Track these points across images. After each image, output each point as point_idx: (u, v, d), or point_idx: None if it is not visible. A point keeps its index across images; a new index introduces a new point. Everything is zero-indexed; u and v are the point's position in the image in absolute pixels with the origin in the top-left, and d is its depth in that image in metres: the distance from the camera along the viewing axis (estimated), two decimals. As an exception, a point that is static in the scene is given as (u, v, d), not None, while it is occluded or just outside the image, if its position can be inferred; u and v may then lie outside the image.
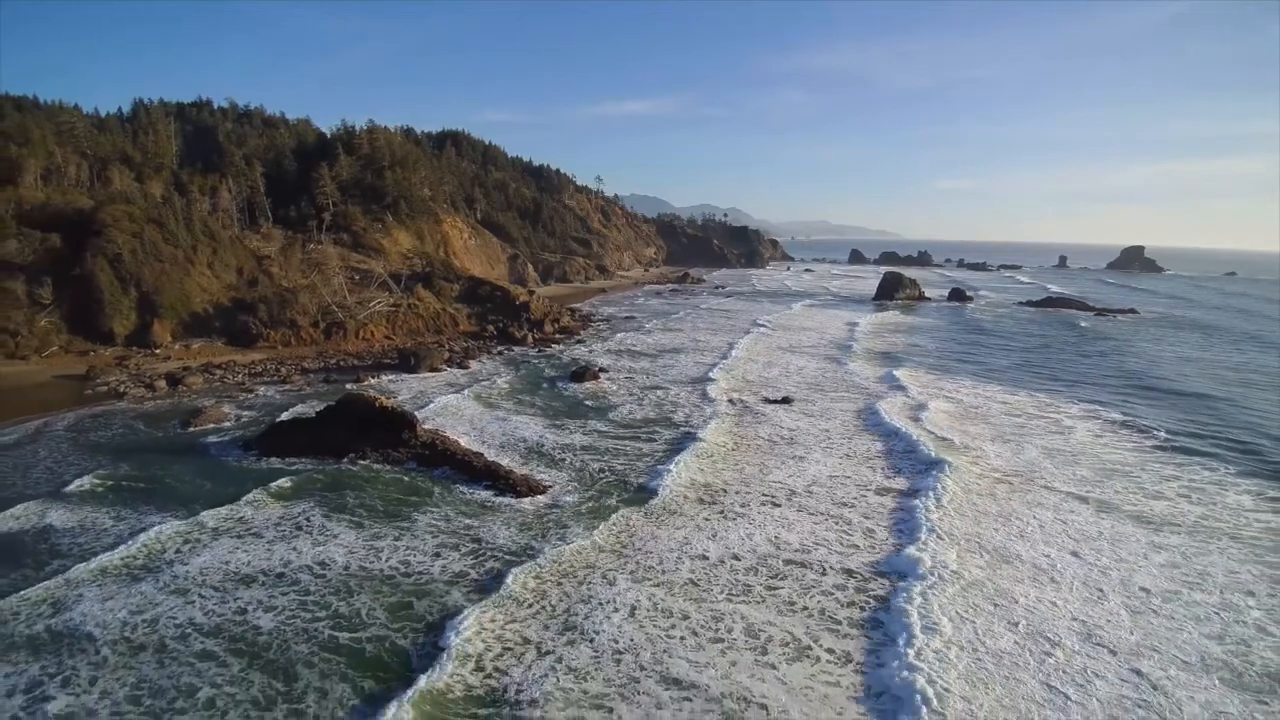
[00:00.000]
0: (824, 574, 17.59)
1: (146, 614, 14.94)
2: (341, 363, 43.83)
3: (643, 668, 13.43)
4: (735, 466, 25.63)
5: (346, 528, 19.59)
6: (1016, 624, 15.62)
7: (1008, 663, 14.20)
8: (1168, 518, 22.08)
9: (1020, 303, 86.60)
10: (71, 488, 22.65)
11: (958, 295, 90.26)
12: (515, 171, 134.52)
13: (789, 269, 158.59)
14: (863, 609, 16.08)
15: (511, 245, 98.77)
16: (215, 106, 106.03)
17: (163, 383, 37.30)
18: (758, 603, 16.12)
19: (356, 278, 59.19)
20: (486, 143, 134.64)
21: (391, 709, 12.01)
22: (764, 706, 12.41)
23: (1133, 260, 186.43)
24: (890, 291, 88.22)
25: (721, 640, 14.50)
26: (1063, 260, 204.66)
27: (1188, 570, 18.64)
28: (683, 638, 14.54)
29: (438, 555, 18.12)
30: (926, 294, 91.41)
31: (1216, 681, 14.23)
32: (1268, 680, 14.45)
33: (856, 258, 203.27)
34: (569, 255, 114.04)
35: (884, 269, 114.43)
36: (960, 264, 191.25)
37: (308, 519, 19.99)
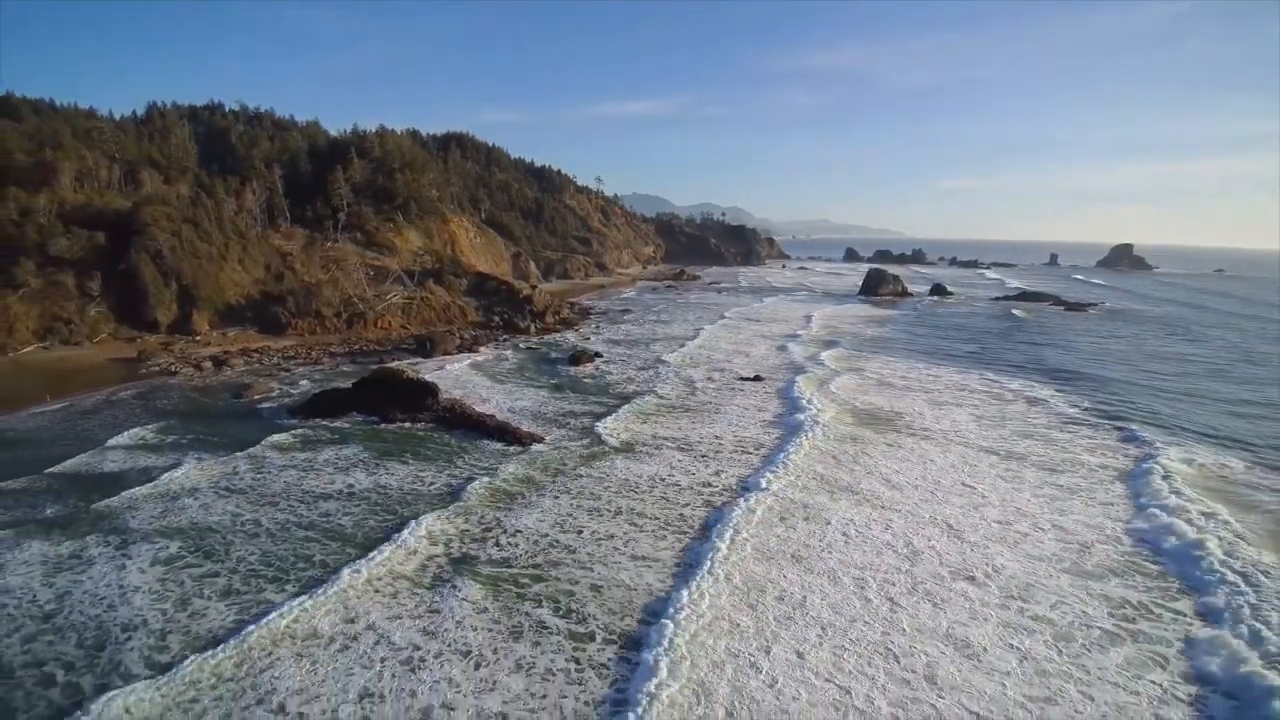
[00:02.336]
0: (693, 489, 23.19)
1: (248, 516, 19.93)
2: (364, 348, 48.72)
3: (616, 548, 18.52)
4: (678, 424, 31.17)
5: (394, 464, 24.72)
6: (816, 521, 20.55)
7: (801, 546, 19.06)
8: (1063, 464, 26.61)
9: (996, 297, 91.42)
10: (151, 437, 27.68)
11: (938, 290, 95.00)
12: (518, 172, 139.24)
13: (783, 267, 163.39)
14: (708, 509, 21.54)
15: (514, 244, 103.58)
16: (226, 109, 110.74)
17: (209, 364, 42.19)
18: (661, 503, 21.78)
19: (371, 273, 64.06)
20: (490, 144, 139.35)
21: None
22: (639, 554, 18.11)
23: (1122, 258, 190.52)
24: (874, 287, 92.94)
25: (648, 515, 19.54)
26: (1053, 258, 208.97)
27: (1070, 501, 22.78)
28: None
29: (470, 479, 23.19)
30: (909, 290, 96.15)
31: (1053, 570, 18.81)
32: (1099, 569, 19.01)
33: (851, 256, 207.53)
34: (570, 253, 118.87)
35: (881, 267, 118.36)
36: (953, 262, 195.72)
37: (360, 459, 25.01)
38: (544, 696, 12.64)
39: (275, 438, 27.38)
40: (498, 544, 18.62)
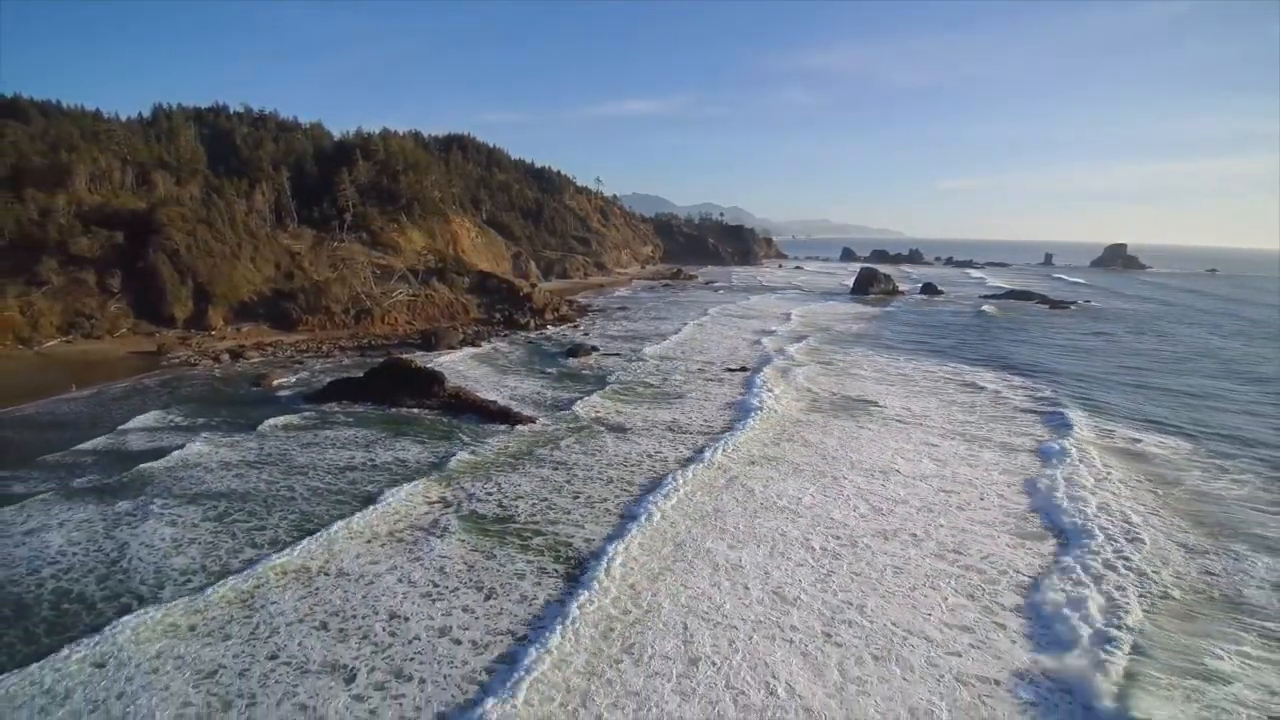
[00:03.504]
0: (660, 459, 26.06)
1: (282, 483, 22.48)
2: (371, 342, 51.20)
3: (608, 509, 20.95)
4: (666, 407, 34.13)
5: (408, 441, 27.39)
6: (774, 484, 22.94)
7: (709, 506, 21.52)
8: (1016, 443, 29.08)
9: (984, 296, 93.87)
10: (181, 419, 30.14)
11: (928, 289, 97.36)
12: (518, 173, 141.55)
13: (779, 266, 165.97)
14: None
15: (515, 244, 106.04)
16: (231, 111, 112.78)
17: (226, 356, 44.68)
18: (649, 473, 23.83)
19: (377, 272, 66.51)
20: (490, 146, 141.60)
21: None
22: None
23: (1116, 258, 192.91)
24: (865, 286, 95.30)
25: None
26: (1048, 258, 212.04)
27: (1018, 477, 25.24)
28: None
29: (476, 455, 25.83)
30: (900, 288, 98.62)
31: (999, 533, 21.18)
32: (1039, 529, 21.32)
33: (848, 256, 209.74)
34: (569, 253, 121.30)
35: (873, 266, 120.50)
36: (949, 261, 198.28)
37: (377, 438, 27.58)
38: (542, 617, 15.11)
39: (296, 419, 29.87)
40: (500, 505, 21.17)
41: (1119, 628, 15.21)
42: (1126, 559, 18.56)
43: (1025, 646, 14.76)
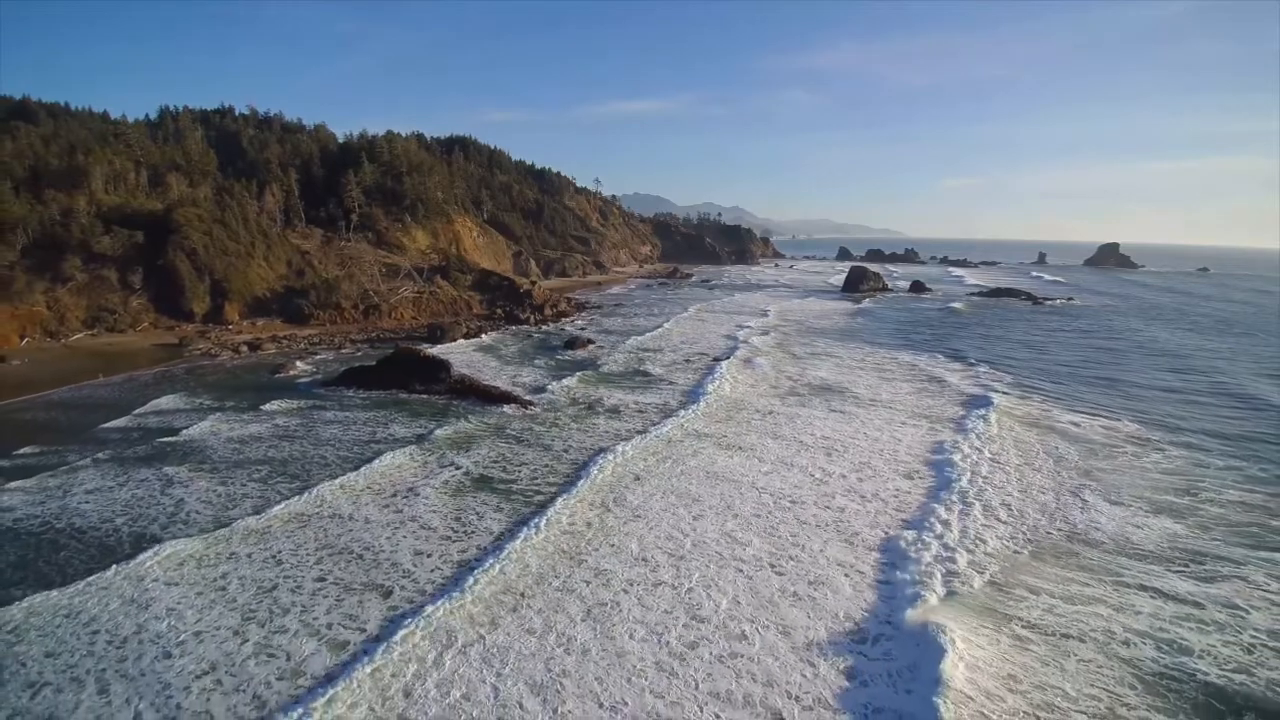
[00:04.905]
0: (646, 433, 28.31)
1: (314, 453, 25.53)
2: (380, 336, 54.11)
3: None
4: (657, 391, 36.96)
5: (424, 420, 30.40)
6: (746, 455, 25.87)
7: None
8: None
9: (970, 293, 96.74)
10: (210, 402, 33.17)
11: (917, 287, 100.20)
12: (519, 174, 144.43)
13: (775, 265, 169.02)
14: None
15: (516, 243, 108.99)
16: (237, 113, 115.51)
17: (244, 348, 47.59)
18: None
19: (384, 270, 69.45)
20: (492, 147, 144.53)
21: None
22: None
23: (1108, 257, 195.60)
24: (855, 284, 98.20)
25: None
26: (1041, 257, 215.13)
27: (966, 451, 28.40)
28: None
29: (484, 432, 28.83)
30: (889, 286, 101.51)
31: (943, 500, 24.15)
32: (970, 492, 24.31)
33: (844, 255, 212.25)
34: (569, 252, 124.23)
35: (864, 265, 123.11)
36: (943, 260, 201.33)
37: (393, 418, 30.58)
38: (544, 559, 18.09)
39: (317, 402, 32.84)
40: (505, 471, 24.13)
41: (995, 559, 18.28)
42: (1055, 518, 21.48)
43: (941, 578, 17.69)
